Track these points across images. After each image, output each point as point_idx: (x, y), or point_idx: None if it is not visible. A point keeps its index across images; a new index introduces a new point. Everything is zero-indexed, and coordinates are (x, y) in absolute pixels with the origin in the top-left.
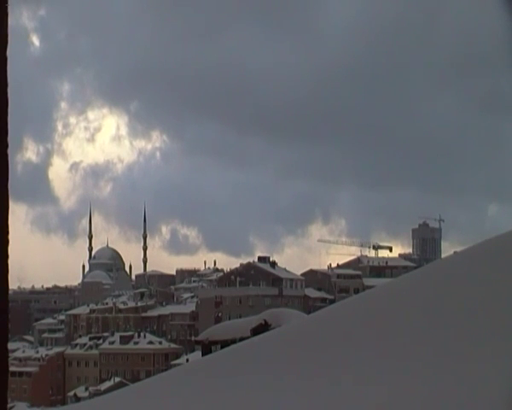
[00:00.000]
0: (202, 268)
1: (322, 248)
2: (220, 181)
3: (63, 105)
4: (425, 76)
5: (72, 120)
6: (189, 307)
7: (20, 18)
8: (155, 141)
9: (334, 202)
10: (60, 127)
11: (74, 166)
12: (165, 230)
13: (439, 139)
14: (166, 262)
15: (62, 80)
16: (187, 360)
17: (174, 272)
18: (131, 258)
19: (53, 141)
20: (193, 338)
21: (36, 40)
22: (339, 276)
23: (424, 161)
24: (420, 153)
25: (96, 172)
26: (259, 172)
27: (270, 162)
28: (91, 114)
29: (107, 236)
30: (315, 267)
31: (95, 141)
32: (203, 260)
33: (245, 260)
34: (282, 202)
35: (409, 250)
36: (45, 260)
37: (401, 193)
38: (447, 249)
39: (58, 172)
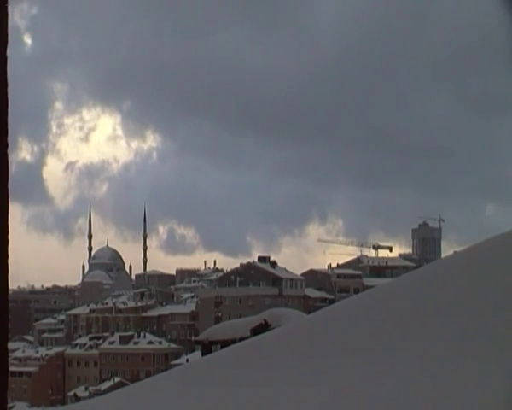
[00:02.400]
0: (202, 268)
1: (319, 248)
2: (215, 181)
3: (56, 105)
4: (419, 74)
5: (66, 119)
6: (189, 307)
7: (12, 17)
8: (150, 141)
9: (329, 201)
10: (54, 127)
11: (70, 166)
12: (161, 230)
13: (434, 139)
14: (163, 262)
15: (54, 80)
16: (187, 360)
17: (174, 272)
18: (129, 258)
19: (47, 140)
20: (193, 338)
21: (28, 39)
22: (339, 276)
23: (420, 161)
24: (415, 153)
25: (92, 172)
26: (254, 172)
27: (264, 162)
28: (84, 114)
29: (104, 236)
30: (315, 267)
31: (89, 141)
32: (200, 259)
33: (242, 259)
34: (278, 201)
35: (407, 250)
36: (43, 260)
37: (396, 193)
38: (446, 249)
39: (53, 171)
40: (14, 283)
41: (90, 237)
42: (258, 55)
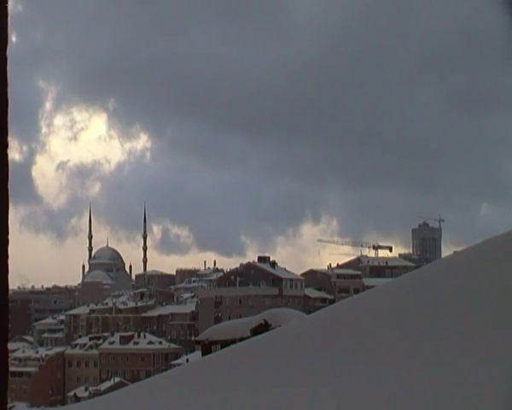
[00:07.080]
0: (202, 268)
1: (315, 248)
2: (205, 180)
3: (43, 104)
4: (411, 71)
5: (54, 118)
6: (189, 307)
7: None
8: (139, 140)
9: (322, 201)
10: (44, 126)
11: (61, 166)
12: (155, 229)
13: (428, 138)
14: (160, 262)
15: (38, 78)
16: (187, 360)
17: (174, 272)
18: (126, 258)
19: (37, 140)
20: (193, 338)
21: (13, 37)
22: (339, 276)
23: (413, 160)
24: (406, 152)
25: (82, 172)
26: (244, 171)
27: (254, 161)
28: (72, 113)
29: (99, 236)
30: (314, 267)
31: (77, 140)
32: (195, 259)
33: (237, 259)
34: (270, 200)
35: (405, 250)
36: (41, 260)
37: (390, 192)
38: (444, 249)
39: (43, 171)
40: (12, 283)
41: (90, 238)
42: (246, 52)
